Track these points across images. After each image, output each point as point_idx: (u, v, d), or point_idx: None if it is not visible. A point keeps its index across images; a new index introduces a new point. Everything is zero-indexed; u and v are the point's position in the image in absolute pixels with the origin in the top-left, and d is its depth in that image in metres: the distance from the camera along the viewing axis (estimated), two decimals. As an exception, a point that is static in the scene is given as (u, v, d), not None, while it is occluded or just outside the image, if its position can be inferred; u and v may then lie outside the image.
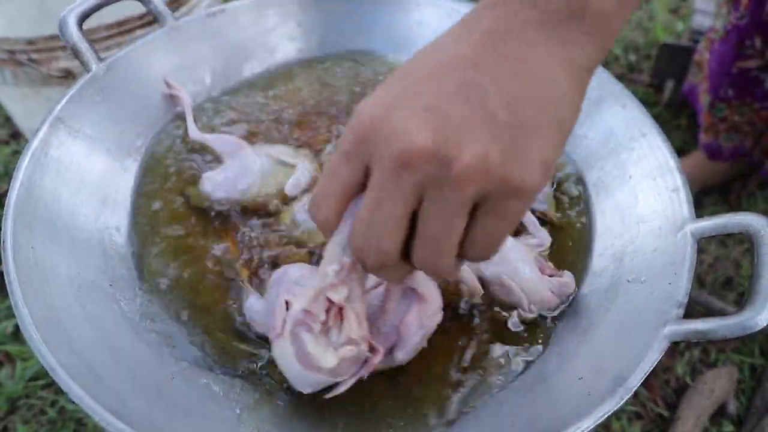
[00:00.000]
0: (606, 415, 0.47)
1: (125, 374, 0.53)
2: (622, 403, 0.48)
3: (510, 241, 0.63)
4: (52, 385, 1.07)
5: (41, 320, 0.52)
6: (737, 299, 1.28)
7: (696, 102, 1.46)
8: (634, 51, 1.78)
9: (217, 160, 0.74)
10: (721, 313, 0.99)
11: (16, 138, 1.53)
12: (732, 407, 1.09)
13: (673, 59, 1.52)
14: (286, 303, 0.48)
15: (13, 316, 1.16)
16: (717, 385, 1.09)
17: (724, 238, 1.39)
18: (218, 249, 0.66)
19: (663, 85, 1.61)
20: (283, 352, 0.48)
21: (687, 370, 1.16)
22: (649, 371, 0.50)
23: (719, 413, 1.10)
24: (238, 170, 0.71)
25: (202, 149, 0.76)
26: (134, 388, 0.52)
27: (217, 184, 0.70)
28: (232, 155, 0.73)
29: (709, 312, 1.20)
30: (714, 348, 1.20)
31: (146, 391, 0.53)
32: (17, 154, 1.48)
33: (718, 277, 1.31)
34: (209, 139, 0.76)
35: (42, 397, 1.04)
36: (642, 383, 0.50)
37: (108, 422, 0.46)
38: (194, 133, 0.76)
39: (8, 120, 1.58)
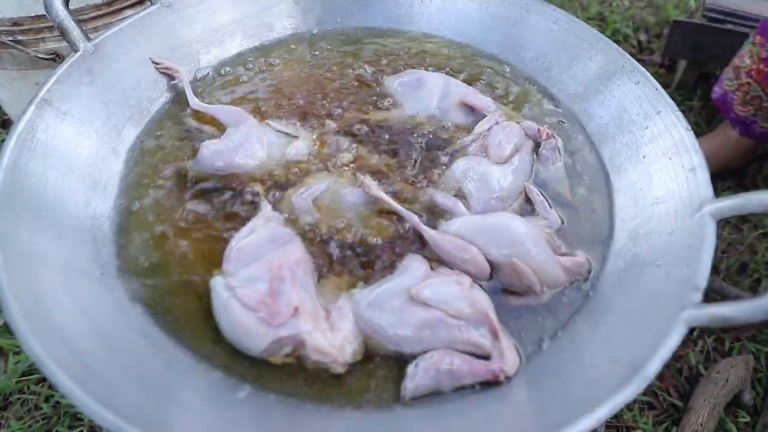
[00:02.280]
0: (623, 405, 0.44)
1: (117, 365, 0.51)
2: (639, 391, 0.45)
3: (519, 222, 0.60)
4: (45, 379, 1.04)
5: (29, 311, 0.49)
6: (753, 285, 1.25)
7: (728, 113, 1.36)
8: (644, 30, 1.72)
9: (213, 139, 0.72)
10: (737, 300, 0.96)
11: (6, 126, 1.50)
12: (748, 397, 1.06)
13: (686, 37, 1.47)
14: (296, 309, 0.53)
15: (10, 307, 1.15)
16: (732, 374, 1.06)
17: (738, 223, 1.35)
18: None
19: (675, 65, 1.56)
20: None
21: (700, 359, 1.13)
22: (668, 358, 0.47)
23: (734, 403, 1.07)
24: (241, 140, 0.68)
25: (197, 130, 0.74)
26: (127, 380, 0.50)
27: (217, 152, 0.67)
28: (236, 126, 0.71)
29: (723, 299, 1.16)
30: (728, 336, 1.17)
31: (139, 383, 0.50)
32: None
33: (732, 263, 1.27)
34: (213, 109, 0.73)
35: (36, 392, 1.02)
36: (652, 372, 0.47)
37: (100, 416, 0.44)
38: (196, 103, 0.74)
39: None
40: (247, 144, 0.68)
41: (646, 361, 0.46)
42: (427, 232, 0.61)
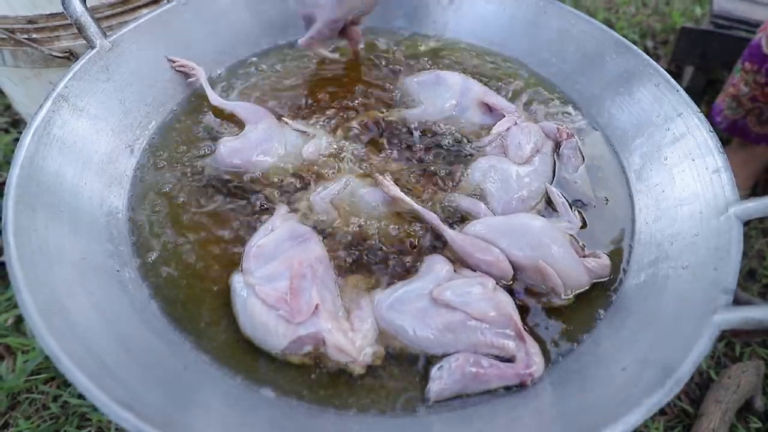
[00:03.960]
0: (657, 408, 0.43)
1: (135, 364, 0.50)
2: (673, 395, 0.44)
3: (542, 223, 0.59)
4: (54, 378, 1.04)
5: (45, 307, 0.48)
6: (762, 291, 1.24)
7: (748, 136, 1.35)
8: (651, 36, 1.73)
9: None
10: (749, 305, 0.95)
11: (17, 126, 1.49)
12: (759, 403, 1.05)
13: (694, 44, 1.48)
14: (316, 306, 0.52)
15: (14, 307, 1.13)
16: (743, 379, 1.05)
17: (747, 230, 1.35)
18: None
19: (682, 72, 1.56)
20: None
21: (711, 365, 1.12)
22: (700, 361, 0.46)
23: (745, 409, 1.06)
24: (260, 138, 0.68)
25: (211, 127, 0.73)
26: (145, 379, 0.48)
27: (235, 150, 0.67)
28: (255, 123, 0.70)
29: (735, 303, 1.15)
30: (739, 342, 1.16)
31: (157, 382, 0.49)
32: (18, 142, 1.44)
33: (742, 269, 1.26)
34: (233, 106, 0.73)
35: (44, 392, 1.01)
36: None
37: (118, 415, 0.42)
38: (216, 100, 0.73)
39: (8, 108, 1.55)
40: (265, 142, 0.67)
41: (678, 364, 0.45)
42: (448, 232, 0.60)
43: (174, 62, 0.76)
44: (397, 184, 0.66)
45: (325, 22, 0.74)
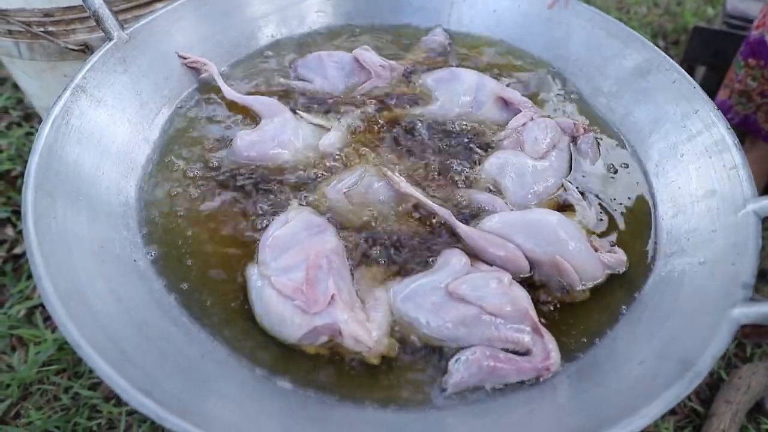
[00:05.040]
0: (677, 401, 0.43)
1: (153, 352, 0.50)
2: (692, 388, 0.44)
3: (558, 218, 0.59)
4: (65, 370, 1.04)
5: (65, 294, 0.49)
6: (773, 292, 1.23)
7: (759, 132, 1.35)
8: (662, 36, 1.73)
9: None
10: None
11: (29, 120, 1.50)
12: (770, 403, 1.05)
13: (707, 44, 1.47)
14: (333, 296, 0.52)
15: (27, 299, 1.14)
16: (754, 380, 1.05)
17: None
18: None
19: (693, 71, 1.55)
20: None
21: (722, 365, 1.11)
22: (719, 355, 0.46)
23: (756, 410, 1.06)
24: (276, 131, 0.68)
25: (225, 120, 0.73)
26: (164, 367, 0.49)
27: (251, 143, 0.67)
28: (271, 117, 0.70)
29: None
30: (749, 342, 1.15)
31: (176, 370, 0.49)
32: (30, 135, 1.45)
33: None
34: (249, 99, 0.73)
35: (55, 383, 1.01)
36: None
37: (139, 402, 0.43)
38: (231, 93, 0.74)
39: (20, 102, 1.56)
40: (281, 135, 0.67)
41: (697, 358, 0.45)
42: (461, 227, 0.60)
43: (185, 59, 0.77)
44: (411, 180, 0.66)
45: (316, 93, 0.76)
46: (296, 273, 0.54)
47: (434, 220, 0.63)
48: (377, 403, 0.51)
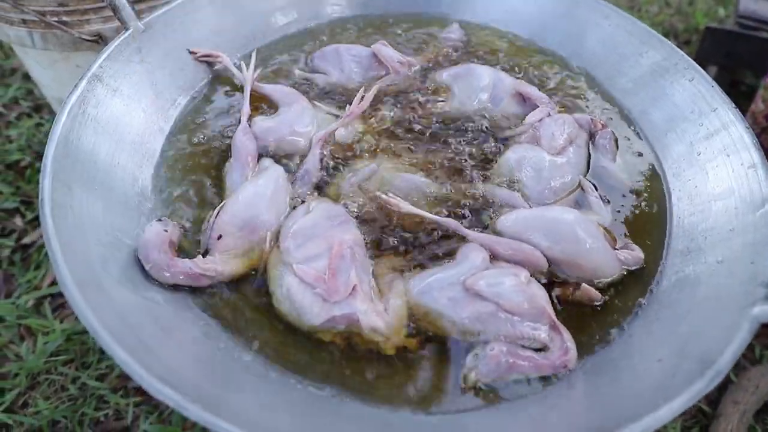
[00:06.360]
0: (697, 398, 0.43)
1: (171, 342, 0.50)
2: (713, 385, 0.44)
3: (575, 217, 0.59)
4: (73, 360, 1.05)
5: (82, 282, 0.49)
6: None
7: None
8: (673, 36, 1.72)
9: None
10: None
11: (39, 111, 1.51)
12: (778, 405, 1.05)
13: (719, 44, 1.46)
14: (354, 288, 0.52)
15: (35, 289, 1.14)
16: (762, 381, 1.04)
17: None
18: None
19: (705, 71, 1.54)
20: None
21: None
22: (739, 353, 0.46)
23: (764, 411, 1.05)
24: (294, 118, 0.68)
25: (238, 110, 0.73)
26: (181, 357, 0.49)
27: (269, 130, 0.67)
28: (289, 105, 0.70)
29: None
30: (758, 344, 1.15)
31: (193, 360, 0.49)
32: (40, 126, 1.45)
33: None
34: (267, 88, 0.73)
35: (63, 373, 1.02)
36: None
37: (157, 390, 0.43)
38: (247, 83, 0.73)
39: (30, 93, 1.56)
40: (298, 123, 0.68)
41: (717, 356, 0.45)
42: (471, 235, 0.59)
43: (195, 53, 0.76)
44: (427, 176, 0.66)
45: (333, 85, 0.76)
46: (319, 262, 0.54)
47: (449, 212, 0.63)
48: (392, 398, 0.51)
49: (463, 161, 0.68)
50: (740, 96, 1.50)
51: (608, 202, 0.64)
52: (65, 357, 1.05)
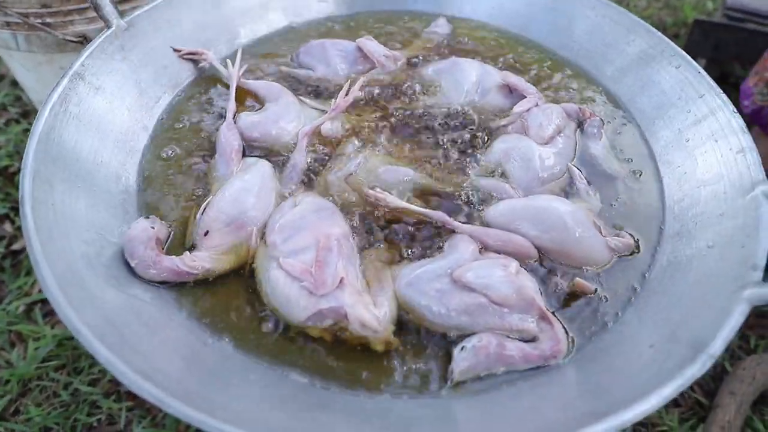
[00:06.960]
0: (690, 382, 0.42)
1: (154, 339, 0.49)
2: (704, 370, 0.43)
3: (565, 205, 0.58)
4: (65, 366, 1.03)
5: (63, 279, 0.48)
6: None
7: (764, 127, 1.31)
8: (662, 30, 1.72)
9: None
10: None
11: (27, 117, 1.50)
12: (775, 395, 1.04)
13: (707, 37, 1.47)
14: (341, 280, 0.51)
15: (25, 295, 1.13)
16: (758, 371, 1.04)
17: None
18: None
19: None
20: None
21: (725, 356, 1.11)
22: (731, 337, 0.45)
23: (761, 401, 1.05)
24: (280, 113, 0.68)
25: (223, 106, 0.73)
26: (165, 354, 0.48)
27: (254, 124, 0.67)
28: (275, 100, 0.70)
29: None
30: (753, 334, 1.15)
31: (177, 357, 0.48)
32: (28, 132, 1.44)
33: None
34: (252, 84, 0.73)
35: (55, 379, 1.00)
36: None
37: (139, 386, 0.42)
38: (232, 79, 0.73)
39: (18, 98, 1.55)
40: (284, 117, 0.67)
41: (709, 340, 0.45)
42: (460, 227, 0.58)
43: (179, 51, 0.76)
44: (418, 167, 0.65)
45: (319, 80, 0.76)
46: (306, 255, 0.53)
47: (437, 202, 0.62)
48: (381, 391, 0.50)
49: (451, 153, 0.68)
50: (729, 88, 1.50)
51: (590, 184, 0.63)
52: (57, 362, 1.03)
